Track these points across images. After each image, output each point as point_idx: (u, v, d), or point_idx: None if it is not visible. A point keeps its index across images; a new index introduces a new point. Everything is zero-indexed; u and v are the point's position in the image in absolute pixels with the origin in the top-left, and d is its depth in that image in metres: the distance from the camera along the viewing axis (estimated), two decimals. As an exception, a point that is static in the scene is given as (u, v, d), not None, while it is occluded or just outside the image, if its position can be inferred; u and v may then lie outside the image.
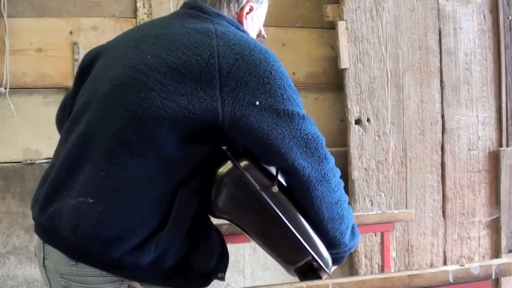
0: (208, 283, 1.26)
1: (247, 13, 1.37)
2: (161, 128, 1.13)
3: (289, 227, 1.18)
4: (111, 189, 1.14)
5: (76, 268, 1.17)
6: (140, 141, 1.14)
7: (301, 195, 1.19)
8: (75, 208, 1.14)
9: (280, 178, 1.21)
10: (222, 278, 1.29)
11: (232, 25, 1.28)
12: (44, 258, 1.23)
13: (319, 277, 1.25)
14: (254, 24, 1.41)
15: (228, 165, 1.20)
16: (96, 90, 1.23)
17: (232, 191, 1.21)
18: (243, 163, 1.20)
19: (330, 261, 1.26)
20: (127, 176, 1.14)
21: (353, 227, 1.29)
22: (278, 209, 1.18)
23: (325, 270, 1.23)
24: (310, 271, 1.24)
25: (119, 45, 1.30)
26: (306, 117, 1.18)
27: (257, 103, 1.13)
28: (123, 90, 1.17)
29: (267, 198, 1.18)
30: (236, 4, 1.35)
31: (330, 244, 1.25)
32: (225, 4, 1.33)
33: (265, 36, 1.51)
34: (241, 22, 1.35)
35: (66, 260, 1.18)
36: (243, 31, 1.31)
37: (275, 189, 1.18)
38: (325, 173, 1.18)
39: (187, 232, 1.20)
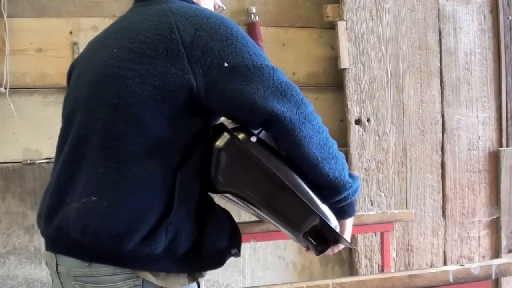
0: (224, 261, 1.27)
1: None
2: (145, 112, 1.16)
3: (290, 188, 1.19)
4: (111, 183, 1.16)
5: (89, 269, 1.18)
6: (129, 130, 1.16)
7: (289, 142, 1.19)
8: (80, 209, 1.16)
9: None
10: (237, 254, 1.30)
11: (184, 1, 1.30)
12: (57, 265, 1.23)
13: (328, 245, 1.25)
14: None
15: (225, 137, 1.21)
16: (76, 97, 1.27)
17: (231, 162, 1.22)
18: (240, 135, 1.21)
19: (337, 224, 1.26)
20: (124, 168, 1.16)
21: (350, 174, 1.27)
22: (278, 173, 1.19)
23: (333, 231, 1.22)
24: (318, 238, 1.24)
25: (88, 52, 1.36)
26: (275, 68, 1.19)
27: (226, 64, 1.16)
28: (100, 88, 1.21)
29: (267, 163, 1.19)
30: None
31: (334, 187, 1.24)
32: None
33: (224, 8, 1.52)
34: None
35: (79, 263, 1.18)
36: (197, 4, 1.34)
37: (253, 138, 1.20)
38: (305, 115, 1.19)
39: (195, 215, 1.21)
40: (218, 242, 1.25)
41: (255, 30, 2.50)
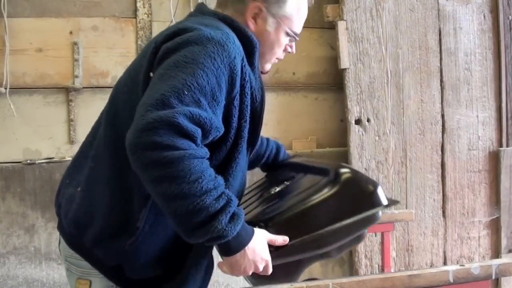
0: None
1: (255, 14, 1.24)
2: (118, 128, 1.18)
3: None
4: (92, 180, 1.22)
5: (73, 252, 1.24)
6: (107, 145, 1.21)
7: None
8: (70, 195, 1.25)
9: None
10: None
11: (222, 21, 1.19)
12: (59, 243, 1.32)
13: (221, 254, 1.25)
14: (270, 30, 1.26)
15: None
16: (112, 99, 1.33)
17: None
18: None
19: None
20: (101, 170, 1.21)
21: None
22: None
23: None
24: None
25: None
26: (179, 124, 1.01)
27: (151, 74, 1.13)
28: (112, 101, 1.28)
29: None
30: (240, 5, 1.24)
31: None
32: (229, 5, 1.24)
33: (294, 52, 1.39)
34: (246, 25, 1.23)
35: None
36: (237, 27, 1.19)
37: None
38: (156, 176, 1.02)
39: (166, 247, 1.21)
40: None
41: (255, 30, 2.50)
